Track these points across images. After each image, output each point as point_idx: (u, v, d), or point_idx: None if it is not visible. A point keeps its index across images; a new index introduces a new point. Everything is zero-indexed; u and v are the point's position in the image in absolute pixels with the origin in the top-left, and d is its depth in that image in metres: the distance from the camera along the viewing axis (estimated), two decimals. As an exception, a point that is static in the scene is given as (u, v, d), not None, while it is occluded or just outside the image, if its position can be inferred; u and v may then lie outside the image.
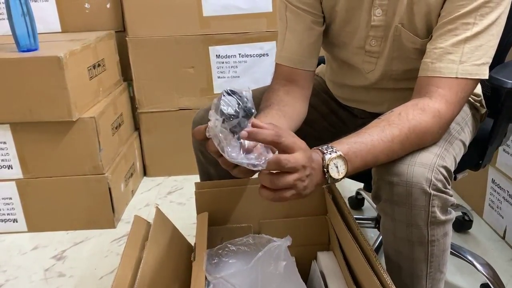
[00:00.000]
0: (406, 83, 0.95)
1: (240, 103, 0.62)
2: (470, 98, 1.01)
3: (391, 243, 0.82)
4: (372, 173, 0.81)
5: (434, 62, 0.80)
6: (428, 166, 0.74)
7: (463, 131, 0.91)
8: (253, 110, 0.64)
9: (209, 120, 0.64)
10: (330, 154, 0.69)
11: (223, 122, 0.62)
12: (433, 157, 0.76)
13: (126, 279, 0.80)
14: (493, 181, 1.47)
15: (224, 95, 0.63)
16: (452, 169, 0.79)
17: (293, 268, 0.87)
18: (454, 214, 0.79)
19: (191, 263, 0.86)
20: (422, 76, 0.82)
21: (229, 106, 0.62)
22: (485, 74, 0.80)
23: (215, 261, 0.85)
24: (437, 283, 0.82)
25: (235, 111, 0.62)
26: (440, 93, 0.78)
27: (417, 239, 0.77)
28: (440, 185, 0.74)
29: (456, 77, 0.78)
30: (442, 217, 0.76)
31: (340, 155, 0.69)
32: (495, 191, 1.46)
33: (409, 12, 0.86)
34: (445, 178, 0.75)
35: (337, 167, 0.69)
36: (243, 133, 0.63)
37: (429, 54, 0.81)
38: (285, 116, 0.86)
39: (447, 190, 0.75)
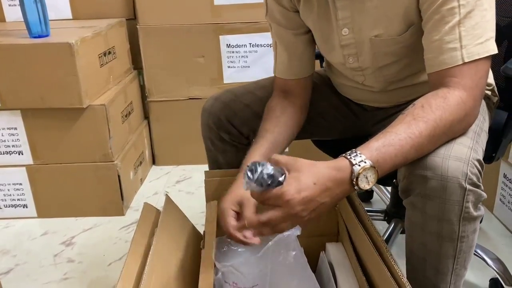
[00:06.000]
0: (408, 80, 0.95)
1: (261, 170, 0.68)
2: None
3: (417, 238, 0.79)
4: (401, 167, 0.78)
5: (437, 56, 0.76)
6: (463, 160, 0.71)
7: (485, 120, 0.89)
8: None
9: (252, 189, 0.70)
10: (359, 165, 0.67)
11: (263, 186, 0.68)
12: (467, 150, 0.73)
13: (135, 264, 0.80)
14: (504, 175, 1.45)
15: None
16: (483, 161, 0.76)
17: (303, 258, 0.87)
18: (483, 211, 0.77)
19: (200, 250, 0.86)
20: (431, 73, 0.79)
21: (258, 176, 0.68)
22: (493, 49, 0.76)
23: (225, 249, 0.85)
24: (460, 280, 0.80)
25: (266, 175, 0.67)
26: (455, 81, 0.75)
27: (447, 235, 0.75)
28: (475, 179, 0.72)
29: (464, 63, 0.74)
30: (475, 213, 0.74)
31: (370, 165, 0.68)
32: (506, 186, 1.45)
33: (384, 20, 0.84)
34: (479, 171, 0.73)
35: (366, 177, 0.68)
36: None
37: (428, 49, 0.79)
38: (275, 146, 0.94)
39: (480, 185, 0.73)
